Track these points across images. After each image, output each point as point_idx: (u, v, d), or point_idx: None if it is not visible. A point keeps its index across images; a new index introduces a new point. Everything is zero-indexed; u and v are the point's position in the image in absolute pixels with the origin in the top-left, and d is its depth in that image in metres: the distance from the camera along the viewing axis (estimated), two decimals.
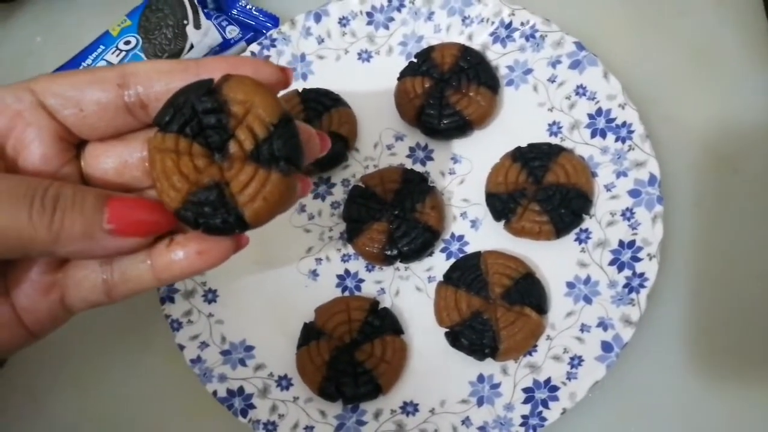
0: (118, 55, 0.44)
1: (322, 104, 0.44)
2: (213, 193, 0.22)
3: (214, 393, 0.38)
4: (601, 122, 0.41)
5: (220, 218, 0.23)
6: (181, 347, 0.40)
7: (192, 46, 0.45)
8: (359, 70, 0.46)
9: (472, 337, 0.37)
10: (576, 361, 0.36)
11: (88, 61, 0.45)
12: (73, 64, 0.46)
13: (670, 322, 0.38)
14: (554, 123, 0.42)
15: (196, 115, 0.23)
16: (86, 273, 0.25)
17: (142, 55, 0.45)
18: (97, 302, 0.25)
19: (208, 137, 0.23)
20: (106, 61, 0.45)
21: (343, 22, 0.46)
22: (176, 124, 0.23)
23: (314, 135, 0.26)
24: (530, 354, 0.38)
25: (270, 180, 0.22)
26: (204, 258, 0.24)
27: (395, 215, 0.41)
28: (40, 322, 0.25)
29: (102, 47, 0.45)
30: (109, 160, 0.25)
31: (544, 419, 0.35)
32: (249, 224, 0.23)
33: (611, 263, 0.38)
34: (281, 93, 0.45)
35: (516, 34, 0.44)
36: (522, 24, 0.43)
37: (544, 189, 0.40)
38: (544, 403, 0.35)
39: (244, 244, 0.25)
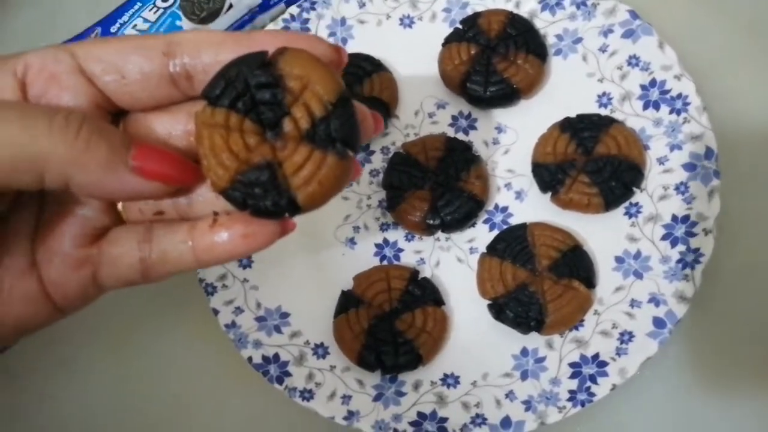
0: (155, 12, 0.43)
1: (363, 69, 0.43)
2: (264, 173, 0.21)
3: (249, 359, 0.37)
4: (654, 94, 0.39)
5: (270, 201, 0.21)
6: (216, 312, 0.39)
7: (231, 6, 0.44)
8: (401, 36, 0.45)
9: (518, 309, 0.36)
10: (626, 337, 0.35)
11: (124, 18, 0.44)
12: (109, 21, 0.44)
13: (724, 299, 0.37)
14: (604, 94, 0.41)
15: (248, 90, 0.21)
16: (123, 250, 0.23)
17: (180, 13, 0.43)
18: (131, 281, 0.24)
19: (260, 113, 0.21)
20: (143, 18, 0.43)
21: None
22: (227, 98, 0.21)
23: (369, 116, 0.24)
24: (576, 329, 0.36)
25: (326, 163, 0.21)
26: (249, 241, 0.23)
27: (438, 183, 0.39)
28: (69, 298, 0.23)
29: (139, 4, 0.44)
30: (151, 132, 0.24)
31: (592, 394, 0.34)
32: (301, 208, 0.22)
33: (663, 238, 0.37)
34: None
35: (566, 2, 0.42)
36: None
37: (595, 160, 0.38)
38: (593, 379, 0.34)
39: (291, 229, 0.24)
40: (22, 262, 0.23)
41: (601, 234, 0.38)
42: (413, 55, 0.44)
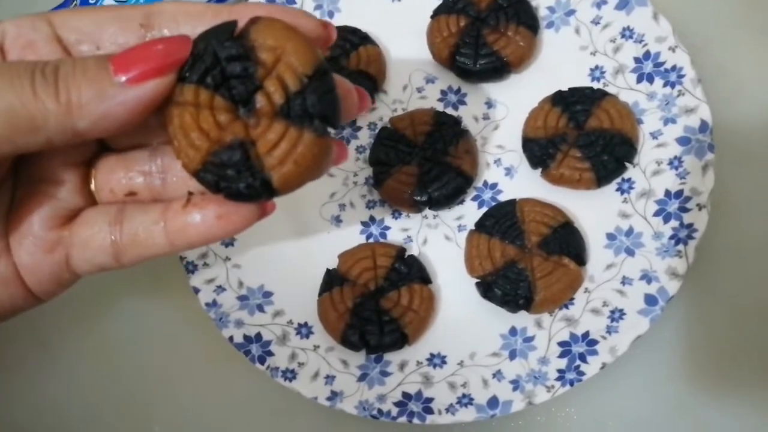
0: None
1: (349, 42, 0.42)
2: (237, 153, 0.20)
3: (231, 338, 0.36)
4: (648, 66, 0.38)
5: (244, 183, 0.20)
6: (196, 290, 0.38)
7: None
8: (389, 8, 0.44)
9: (506, 287, 0.35)
10: (617, 315, 0.34)
11: None
12: None
13: (717, 276, 0.36)
14: (597, 67, 0.40)
15: (218, 63, 0.20)
16: (94, 232, 0.23)
17: None
18: (104, 265, 0.23)
19: (232, 88, 0.20)
20: None
21: None
22: (196, 74, 0.20)
23: (352, 91, 0.23)
24: (566, 307, 0.36)
25: (302, 141, 0.20)
26: (223, 224, 0.22)
27: (426, 158, 0.38)
28: (43, 283, 0.23)
29: None
30: None
31: (581, 373, 0.33)
32: (276, 190, 0.20)
33: (656, 214, 0.36)
34: None
35: None
36: None
37: (586, 134, 0.37)
38: (582, 357, 0.33)
39: (270, 211, 0.23)
40: None
41: (592, 210, 0.37)
42: (401, 28, 0.43)
